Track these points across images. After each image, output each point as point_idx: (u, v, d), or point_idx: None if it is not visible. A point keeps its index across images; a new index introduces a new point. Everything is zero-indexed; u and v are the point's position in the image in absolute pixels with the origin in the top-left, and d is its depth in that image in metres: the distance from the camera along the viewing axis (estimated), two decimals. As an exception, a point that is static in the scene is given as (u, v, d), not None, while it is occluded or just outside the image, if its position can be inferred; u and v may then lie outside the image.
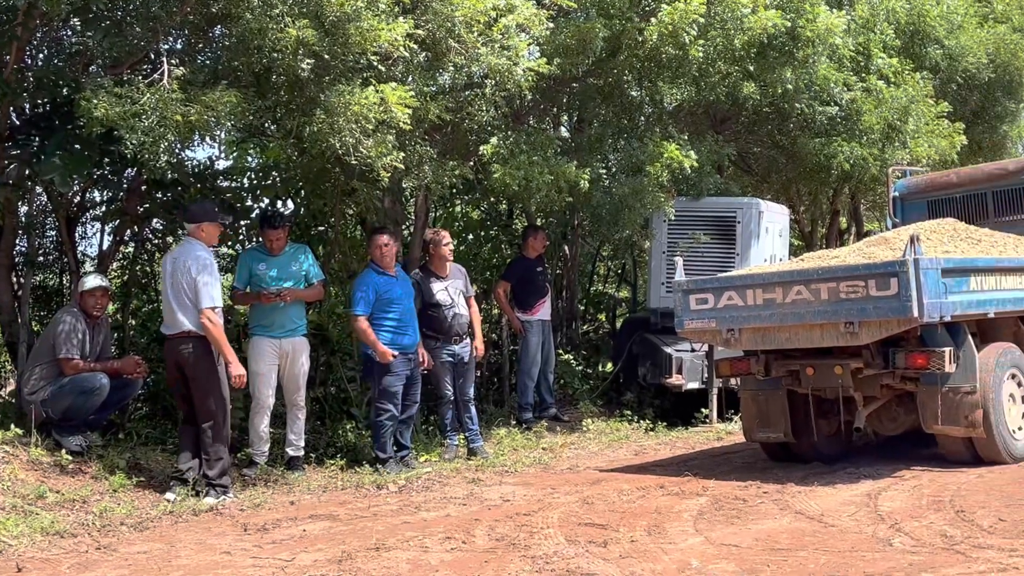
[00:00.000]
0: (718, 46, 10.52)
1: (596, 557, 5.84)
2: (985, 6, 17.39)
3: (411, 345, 9.31)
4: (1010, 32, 16.76)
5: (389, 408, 9.12)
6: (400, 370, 9.16)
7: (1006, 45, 16.36)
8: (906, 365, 8.07)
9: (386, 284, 9.21)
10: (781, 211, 13.36)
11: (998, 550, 5.53)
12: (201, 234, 8.11)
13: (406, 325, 9.27)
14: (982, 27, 16.43)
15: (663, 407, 12.36)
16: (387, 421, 9.13)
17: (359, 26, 8.07)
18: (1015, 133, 19.95)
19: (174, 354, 8.03)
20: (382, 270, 9.26)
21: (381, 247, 9.26)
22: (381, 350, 9.01)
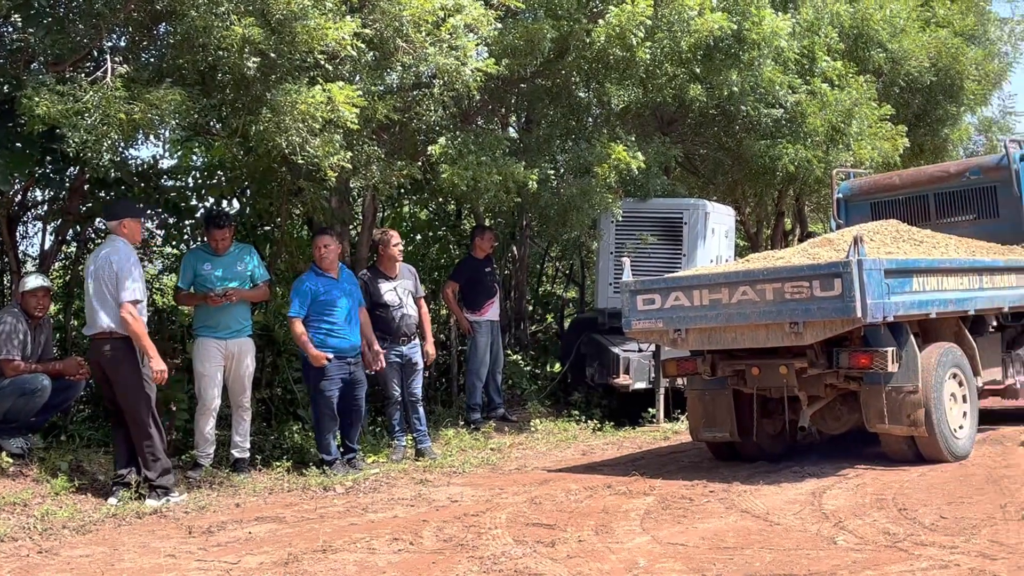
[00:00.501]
0: (665, 48, 10.58)
1: (544, 557, 5.84)
2: (927, 11, 17.65)
3: (349, 349, 9.20)
4: (951, 36, 17.04)
5: (324, 411, 9.06)
6: (334, 374, 9.06)
7: (947, 49, 16.63)
8: (850, 365, 8.15)
9: (325, 286, 9.14)
10: (727, 212, 13.47)
11: (939, 547, 5.61)
12: (123, 231, 7.98)
13: (343, 328, 9.16)
14: (924, 31, 16.68)
15: (611, 407, 12.41)
16: (325, 424, 9.08)
17: (306, 25, 8.02)
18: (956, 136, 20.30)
19: (95, 355, 7.91)
20: (322, 271, 9.20)
21: (321, 248, 9.19)
22: (313, 353, 8.94)
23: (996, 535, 5.80)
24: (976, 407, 8.84)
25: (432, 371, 12.54)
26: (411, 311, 9.91)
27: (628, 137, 11.48)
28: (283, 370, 10.53)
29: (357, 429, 9.50)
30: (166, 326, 10.41)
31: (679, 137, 13.70)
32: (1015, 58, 20.27)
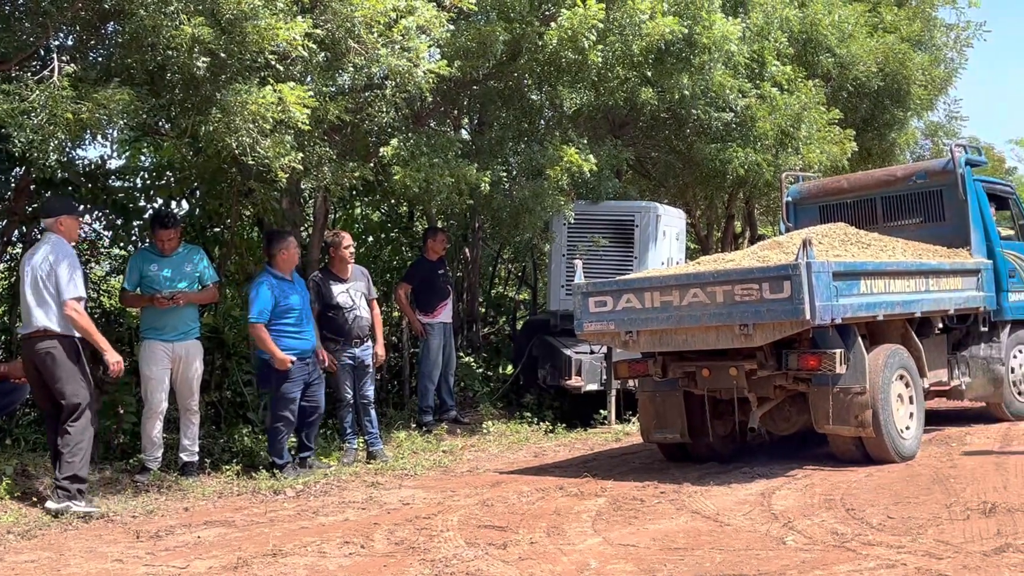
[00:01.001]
0: (617, 51, 10.62)
1: (496, 559, 5.84)
2: (875, 16, 17.88)
3: (309, 349, 9.22)
4: (898, 42, 17.27)
5: (286, 414, 9.01)
6: (297, 376, 9.04)
7: (895, 54, 16.84)
8: (798, 366, 8.23)
9: (284, 289, 9.10)
10: (678, 215, 13.55)
11: (887, 547, 5.67)
12: (60, 228, 7.80)
13: (304, 329, 9.17)
14: (872, 37, 16.89)
15: (562, 409, 12.43)
16: (283, 427, 9.02)
17: (256, 25, 7.95)
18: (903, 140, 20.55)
19: (30, 354, 7.69)
20: (280, 274, 9.14)
21: (288, 251, 9.15)
22: (280, 356, 8.89)
23: (942, 534, 5.87)
24: (922, 408, 8.95)
25: (384, 373, 12.50)
26: (364, 313, 9.87)
27: (580, 140, 11.52)
28: (233, 373, 10.43)
29: (316, 429, 9.46)
30: (113, 328, 10.29)
31: (631, 140, 13.77)
32: (961, 64, 20.55)
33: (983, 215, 10.34)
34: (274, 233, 9.59)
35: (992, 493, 6.90)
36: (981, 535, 5.80)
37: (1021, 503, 6.52)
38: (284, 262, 9.15)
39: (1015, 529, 5.87)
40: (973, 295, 9.79)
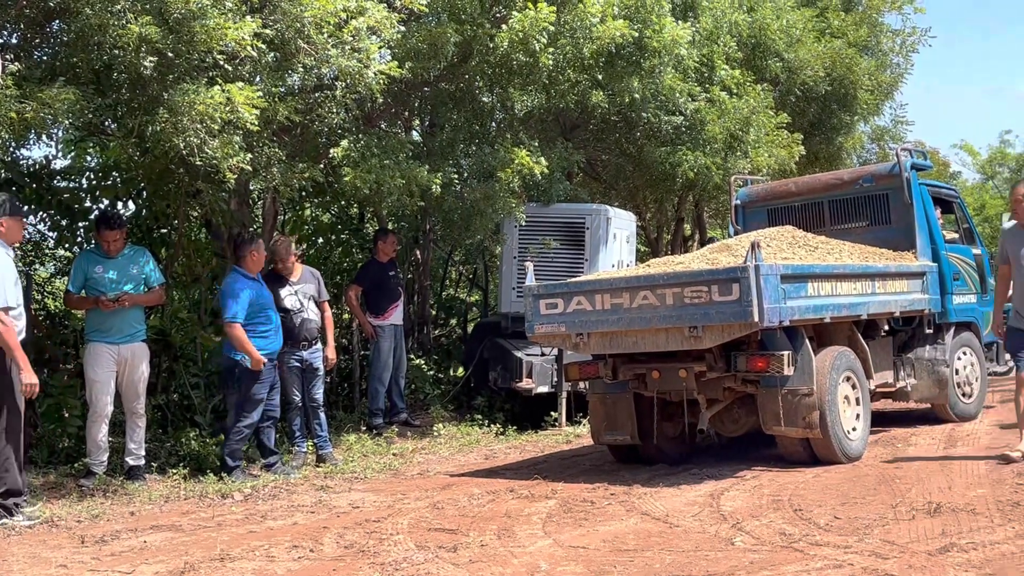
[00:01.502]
0: (568, 54, 10.65)
1: (446, 562, 5.83)
2: (822, 21, 18.08)
3: (276, 351, 9.22)
4: (845, 47, 17.48)
5: (252, 416, 8.94)
6: (266, 377, 9.01)
7: (842, 59, 17.05)
8: (747, 368, 8.29)
9: (253, 289, 9.04)
10: (628, 218, 13.61)
11: (834, 547, 5.73)
12: (1, 230, 7.44)
13: (274, 330, 9.16)
14: (819, 42, 17.08)
15: (513, 411, 12.44)
16: (246, 429, 8.96)
17: (205, 24, 7.88)
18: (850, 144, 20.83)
19: None
20: (249, 275, 9.09)
21: (259, 251, 9.10)
22: (256, 356, 8.83)
23: (888, 534, 5.94)
24: (868, 409, 9.05)
25: (334, 376, 12.43)
26: (312, 316, 9.81)
27: (531, 142, 11.54)
28: (179, 375, 10.32)
29: (274, 431, 9.39)
30: (58, 331, 10.14)
31: (581, 143, 13.81)
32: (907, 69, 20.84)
33: (928, 218, 10.47)
34: (240, 234, 9.54)
35: (937, 493, 6.98)
36: (926, 535, 5.87)
37: (965, 503, 6.61)
38: (253, 263, 9.10)
39: (959, 529, 5.95)
40: (918, 298, 9.91)
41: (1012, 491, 6.90)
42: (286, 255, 9.84)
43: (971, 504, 6.57)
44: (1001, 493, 6.87)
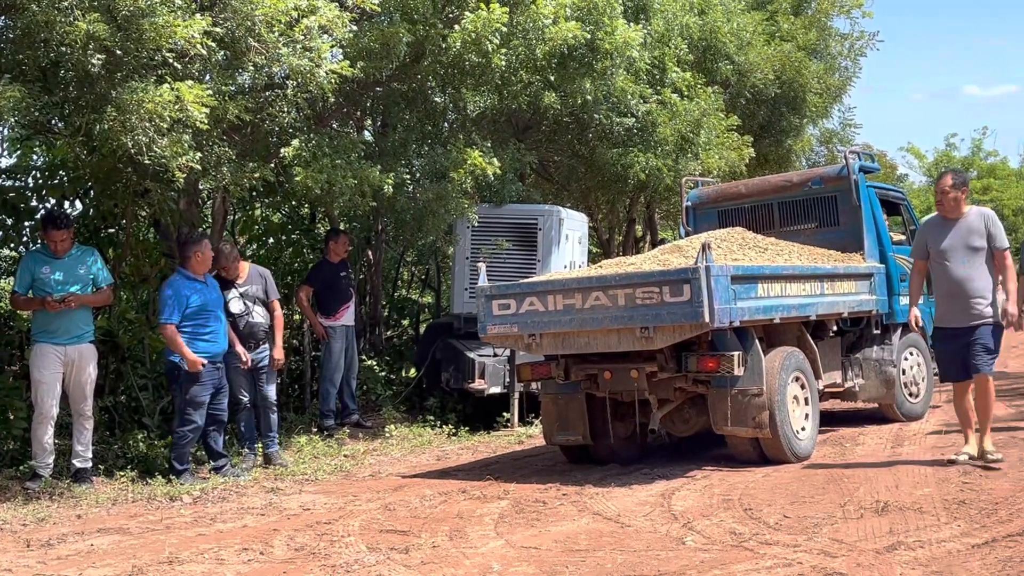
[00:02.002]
0: (520, 55, 10.66)
1: (398, 564, 5.80)
2: (772, 25, 18.26)
3: (220, 353, 9.08)
4: (795, 50, 17.67)
5: (195, 419, 8.84)
6: (207, 379, 8.90)
7: (791, 63, 17.23)
8: (698, 368, 8.33)
9: (196, 290, 8.94)
10: (580, 219, 13.65)
11: (783, 546, 5.78)
12: None
13: (215, 332, 9.03)
14: (769, 45, 17.26)
15: (466, 412, 12.43)
16: (190, 432, 8.86)
17: (154, 22, 7.79)
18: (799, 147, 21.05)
19: None
20: (192, 276, 8.98)
21: (203, 252, 8.99)
22: (192, 359, 8.73)
23: (836, 533, 6.00)
24: (817, 409, 9.14)
25: (284, 377, 12.35)
26: (258, 318, 9.73)
27: (484, 143, 11.53)
28: (128, 377, 10.20)
29: (223, 434, 9.30)
30: (3, 332, 9.99)
31: (534, 144, 13.83)
32: (855, 72, 21.12)
33: (876, 220, 10.59)
34: (189, 234, 9.43)
35: (884, 492, 7.07)
36: (874, 533, 5.94)
37: (912, 502, 6.69)
38: (199, 263, 8.99)
39: (907, 527, 6.03)
40: (866, 298, 10.03)
41: (958, 490, 6.99)
42: (227, 262, 9.77)
43: (918, 503, 6.66)
44: (947, 492, 6.96)
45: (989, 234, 7.94)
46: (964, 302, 7.90)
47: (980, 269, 7.92)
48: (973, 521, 6.08)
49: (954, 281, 7.95)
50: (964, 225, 7.99)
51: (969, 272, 7.90)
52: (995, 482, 7.18)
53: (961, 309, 7.93)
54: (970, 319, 7.90)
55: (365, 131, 13.64)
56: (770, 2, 19.02)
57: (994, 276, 7.97)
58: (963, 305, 7.91)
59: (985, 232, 7.94)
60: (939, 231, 8.11)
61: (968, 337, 7.90)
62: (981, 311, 7.88)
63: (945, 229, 8.06)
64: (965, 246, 7.93)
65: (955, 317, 7.98)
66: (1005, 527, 5.88)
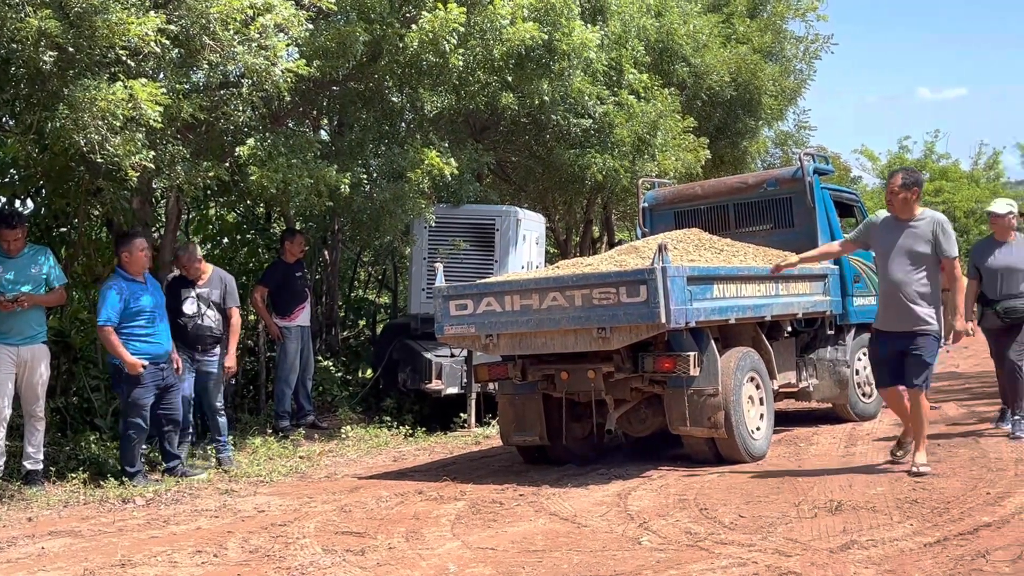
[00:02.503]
0: (478, 56, 10.65)
1: (353, 566, 5.78)
2: (728, 27, 18.38)
3: (163, 354, 8.96)
4: (751, 53, 17.80)
5: (138, 421, 8.74)
6: (149, 381, 8.78)
7: (747, 65, 17.35)
8: (654, 369, 8.36)
9: (135, 291, 8.83)
10: (538, 219, 13.66)
11: (739, 545, 5.81)
12: None
13: (156, 333, 8.90)
14: (725, 47, 17.37)
15: (422, 412, 12.40)
16: (135, 434, 8.75)
17: (107, 19, 7.70)
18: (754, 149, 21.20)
19: None
20: (131, 276, 8.87)
21: (132, 252, 8.87)
22: (129, 360, 8.62)
23: (791, 532, 6.05)
24: (772, 409, 9.21)
25: (239, 378, 12.25)
26: (208, 322, 9.66)
27: (441, 143, 11.51)
28: (80, 378, 10.08)
29: (177, 436, 9.20)
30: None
31: (491, 144, 13.83)
32: (809, 75, 21.31)
33: (830, 222, 10.69)
34: (122, 234, 9.31)
35: (838, 492, 7.13)
36: (828, 533, 5.99)
37: (865, 501, 6.76)
38: (129, 263, 8.87)
39: (860, 526, 6.08)
40: (820, 299, 10.11)
41: (910, 489, 7.07)
42: (187, 263, 9.70)
43: (871, 502, 6.72)
44: (899, 491, 7.04)
45: (937, 241, 7.68)
46: (902, 307, 7.68)
47: (922, 275, 7.67)
48: (925, 520, 6.15)
49: (894, 284, 7.73)
50: (913, 229, 7.74)
51: (910, 276, 7.67)
52: (947, 481, 7.27)
53: (898, 314, 7.73)
54: (906, 324, 7.69)
55: (321, 130, 13.56)
56: (726, 5, 19.14)
57: (939, 284, 7.79)
58: (900, 310, 7.70)
59: (933, 239, 7.68)
60: (887, 231, 7.86)
61: (904, 344, 7.71)
62: (919, 318, 7.64)
63: (894, 230, 7.81)
64: (910, 250, 7.69)
65: (891, 321, 7.79)
66: (957, 526, 5.95)
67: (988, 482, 7.15)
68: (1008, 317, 9.24)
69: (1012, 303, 9.24)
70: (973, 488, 6.98)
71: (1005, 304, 9.25)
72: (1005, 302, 9.25)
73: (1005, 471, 7.52)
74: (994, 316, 9.31)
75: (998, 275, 9.32)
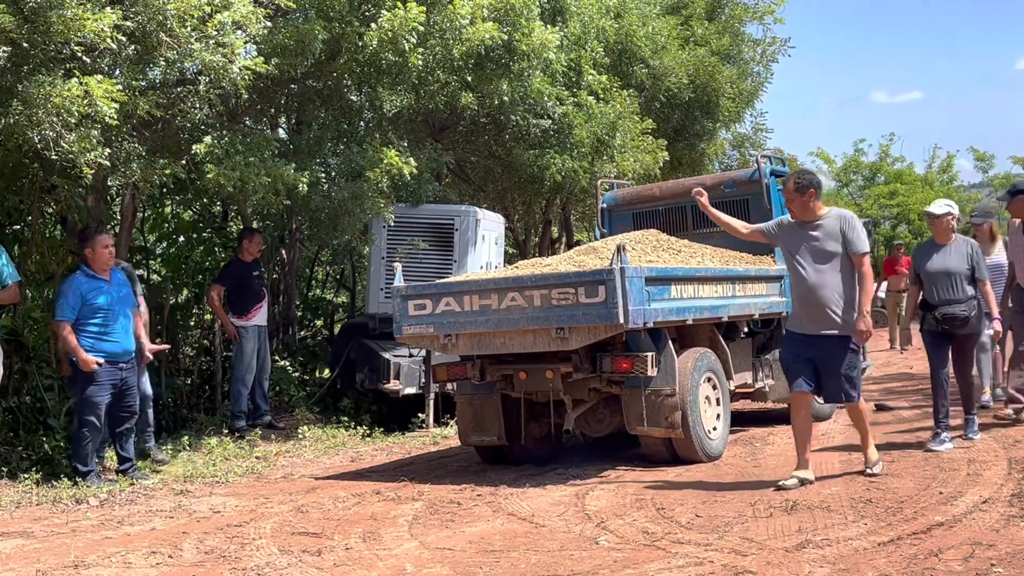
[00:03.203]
0: (437, 55, 10.63)
1: (310, 567, 5.75)
2: (686, 30, 18.49)
3: (122, 353, 8.84)
4: (708, 55, 17.91)
5: (91, 420, 8.64)
6: (105, 380, 8.68)
7: (705, 67, 17.45)
8: (612, 369, 8.39)
9: (94, 287, 8.73)
10: (497, 219, 13.67)
11: (695, 545, 5.84)
12: None
13: (114, 331, 8.80)
14: (684, 49, 17.46)
15: (380, 413, 12.37)
16: (88, 433, 8.65)
17: (62, 14, 7.62)
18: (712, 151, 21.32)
19: None
20: (93, 272, 8.78)
21: (94, 248, 8.77)
22: (83, 357, 8.53)
23: (747, 532, 6.09)
24: (728, 409, 9.27)
25: (195, 377, 12.16)
26: None
27: (400, 142, 11.50)
28: (32, 377, 9.94)
29: (131, 438, 9.10)
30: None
31: (451, 144, 13.81)
32: (767, 78, 21.48)
33: (785, 224, 10.76)
34: (85, 229, 9.21)
35: (793, 491, 7.18)
36: (783, 532, 6.03)
37: (820, 501, 6.82)
38: (92, 260, 8.78)
39: (815, 526, 6.14)
40: (776, 300, 10.18)
41: (865, 489, 7.14)
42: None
43: (826, 502, 6.78)
44: (854, 491, 7.11)
45: (845, 238, 7.42)
46: (815, 310, 7.43)
47: (834, 276, 7.41)
48: (879, 519, 6.22)
49: (806, 287, 7.47)
50: (818, 229, 7.48)
51: (822, 279, 7.40)
52: (900, 481, 7.35)
53: (810, 317, 7.48)
54: (818, 327, 7.44)
55: (279, 129, 13.49)
56: (685, 7, 19.26)
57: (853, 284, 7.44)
58: (813, 313, 7.45)
59: (841, 236, 7.43)
60: (793, 233, 7.65)
61: (817, 349, 7.48)
62: (832, 321, 7.40)
63: (799, 232, 7.59)
64: (819, 251, 7.44)
65: (804, 324, 7.56)
66: (910, 525, 6.02)
67: (941, 482, 7.24)
68: (946, 324, 8.77)
69: (951, 309, 8.75)
70: (926, 488, 7.06)
71: (944, 310, 8.76)
72: (944, 308, 8.77)
73: (957, 471, 7.61)
74: (933, 321, 8.84)
75: (936, 279, 8.88)
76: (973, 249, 8.92)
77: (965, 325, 8.77)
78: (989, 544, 5.46)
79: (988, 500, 6.53)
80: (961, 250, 8.89)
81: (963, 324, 8.76)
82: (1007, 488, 6.86)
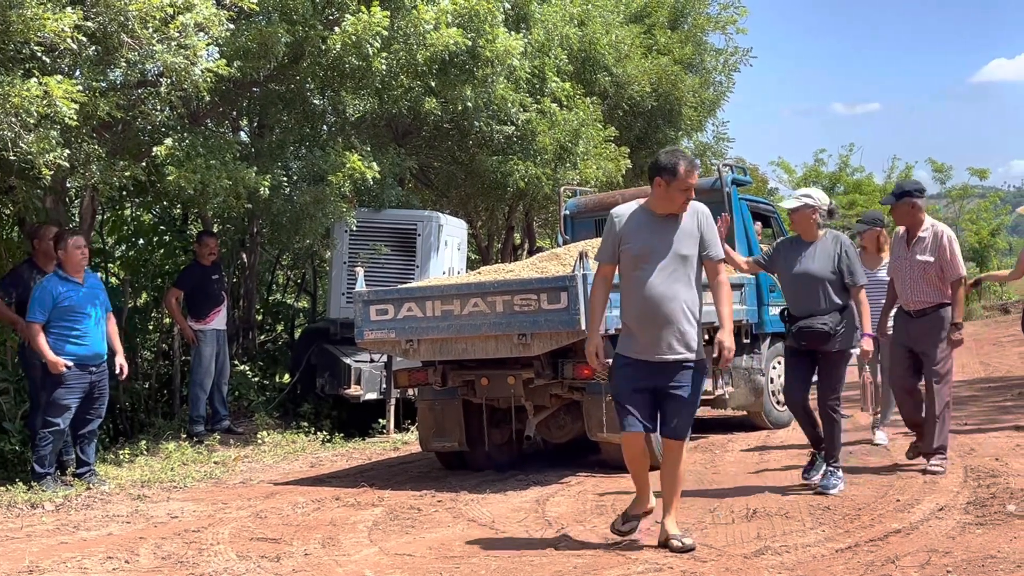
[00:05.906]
0: (401, 60, 10.62)
1: (268, 572, 5.71)
2: (649, 38, 18.56)
3: (92, 357, 8.75)
4: (671, 64, 17.99)
5: (56, 422, 8.55)
6: (74, 383, 8.59)
7: (667, 76, 17.53)
8: (573, 375, 8.39)
9: (66, 289, 8.64)
10: (460, 225, 13.66)
11: (655, 551, 5.86)
12: None
13: (85, 334, 8.71)
14: (646, 58, 17.54)
15: (341, 418, 12.32)
16: (50, 434, 8.56)
17: (21, 14, 7.55)
18: (674, 159, 21.26)
19: None
20: (66, 275, 8.68)
21: (66, 250, 8.68)
22: (51, 359, 8.44)
23: (706, 538, 6.11)
24: (689, 416, 9.27)
25: (153, 382, 12.05)
26: None
27: (363, 147, 11.46)
28: (-13, 380, 9.82)
29: (93, 442, 9.00)
30: None
31: (414, 149, 13.80)
32: (728, 87, 21.59)
33: (747, 232, 10.83)
34: (59, 232, 9.12)
35: (752, 498, 7.22)
36: (742, 538, 6.07)
37: (779, 507, 6.86)
38: (64, 261, 8.69)
39: (774, 532, 6.17)
40: (736, 308, 10.22)
41: (823, 496, 7.19)
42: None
43: (784, 508, 6.83)
44: (812, 498, 7.15)
45: (702, 238, 5.95)
46: (661, 330, 5.85)
47: (688, 285, 5.93)
48: (837, 526, 6.26)
49: (648, 300, 5.86)
50: (675, 225, 5.90)
51: (673, 289, 5.87)
52: (858, 489, 7.41)
53: (654, 339, 5.86)
54: (665, 353, 5.87)
55: (241, 132, 13.41)
56: (648, 16, 19.34)
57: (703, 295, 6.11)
58: (658, 334, 5.85)
59: (698, 234, 5.94)
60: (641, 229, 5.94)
61: (663, 379, 5.89)
62: (685, 344, 5.91)
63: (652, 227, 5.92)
64: (671, 253, 5.88)
65: (644, 347, 5.90)
66: (867, 532, 6.07)
67: (898, 489, 7.30)
68: (803, 340, 7.24)
69: (810, 322, 7.19)
70: (883, 495, 7.12)
71: (801, 323, 7.23)
72: (803, 321, 7.23)
73: (914, 479, 7.68)
74: (791, 337, 7.38)
75: (797, 285, 7.39)
76: (843, 248, 7.30)
77: (827, 341, 7.18)
78: (945, 551, 5.52)
79: (944, 507, 6.60)
80: (828, 250, 7.31)
81: (824, 340, 7.18)
82: (963, 496, 6.93)
